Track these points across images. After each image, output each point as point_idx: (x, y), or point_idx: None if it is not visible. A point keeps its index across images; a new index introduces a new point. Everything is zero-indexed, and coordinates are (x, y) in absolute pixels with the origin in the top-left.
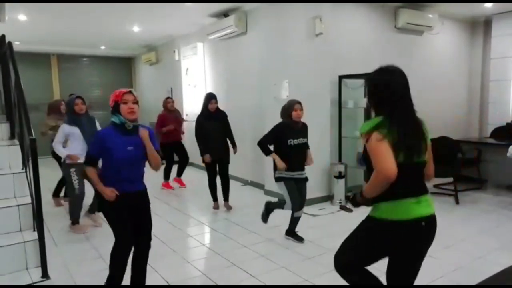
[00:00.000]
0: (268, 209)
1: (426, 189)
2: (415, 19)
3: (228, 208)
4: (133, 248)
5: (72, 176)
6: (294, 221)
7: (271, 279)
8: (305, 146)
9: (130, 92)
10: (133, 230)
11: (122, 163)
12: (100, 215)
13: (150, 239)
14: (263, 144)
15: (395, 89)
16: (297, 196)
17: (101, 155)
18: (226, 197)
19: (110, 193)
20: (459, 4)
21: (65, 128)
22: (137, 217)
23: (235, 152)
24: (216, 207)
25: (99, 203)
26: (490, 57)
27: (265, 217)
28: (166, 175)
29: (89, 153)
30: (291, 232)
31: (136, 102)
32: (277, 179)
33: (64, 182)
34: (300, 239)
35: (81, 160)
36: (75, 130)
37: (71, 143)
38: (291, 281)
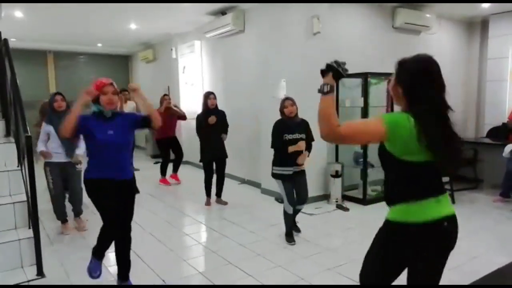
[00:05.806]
0: (287, 226)
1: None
2: (412, 19)
3: (224, 203)
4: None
5: (47, 176)
6: (295, 212)
7: (268, 278)
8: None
9: (111, 84)
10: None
11: (104, 146)
12: (85, 220)
13: (129, 230)
14: (275, 148)
15: None
16: (293, 195)
17: (81, 132)
18: (219, 193)
19: (88, 91)
20: (456, 4)
21: (44, 127)
22: (120, 205)
23: (223, 139)
24: (209, 203)
25: (87, 192)
26: (487, 58)
27: (290, 237)
28: (163, 172)
29: None
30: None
31: (116, 93)
32: (275, 176)
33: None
34: (298, 230)
35: (57, 159)
36: (51, 129)
37: (50, 142)
38: (288, 280)
